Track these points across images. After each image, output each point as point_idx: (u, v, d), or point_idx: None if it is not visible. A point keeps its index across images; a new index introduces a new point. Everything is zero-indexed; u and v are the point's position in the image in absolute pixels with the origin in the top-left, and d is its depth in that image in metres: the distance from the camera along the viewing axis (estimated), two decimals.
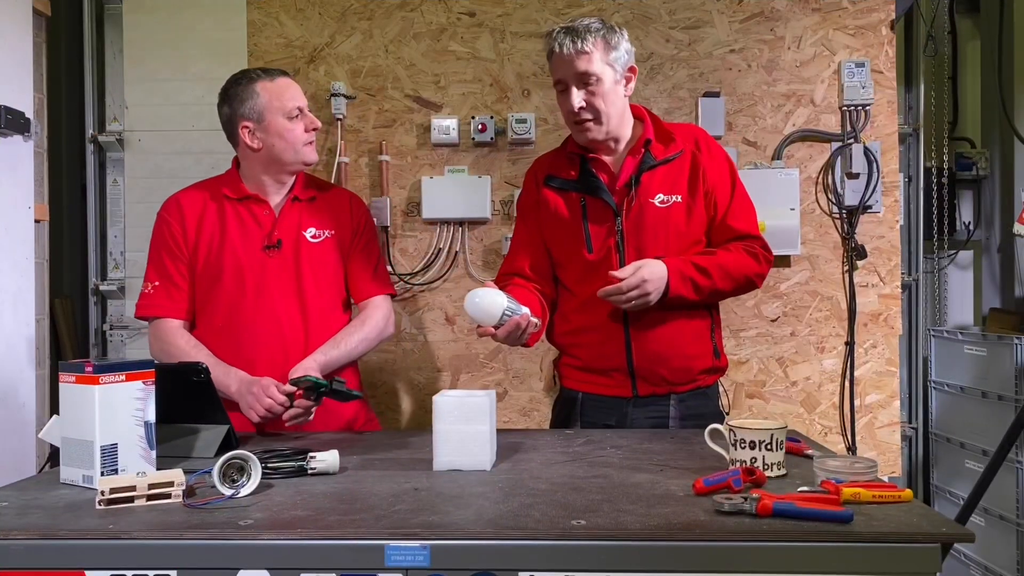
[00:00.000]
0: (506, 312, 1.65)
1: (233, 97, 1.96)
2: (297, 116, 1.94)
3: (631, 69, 1.92)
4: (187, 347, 1.92)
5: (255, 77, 1.96)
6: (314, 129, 1.97)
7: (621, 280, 1.77)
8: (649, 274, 1.77)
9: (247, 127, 1.94)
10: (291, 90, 1.96)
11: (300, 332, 1.94)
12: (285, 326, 1.94)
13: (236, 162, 2.05)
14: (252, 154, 1.97)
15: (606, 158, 1.95)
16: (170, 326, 1.95)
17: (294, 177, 2.02)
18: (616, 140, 1.95)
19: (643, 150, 1.92)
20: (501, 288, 1.75)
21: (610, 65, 1.87)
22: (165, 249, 1.98)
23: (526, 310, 1.70)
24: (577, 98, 1.87)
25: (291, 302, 1.95)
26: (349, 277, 2.04)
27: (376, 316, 2.01)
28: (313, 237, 1.99)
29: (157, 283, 1.97)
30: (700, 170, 1.91)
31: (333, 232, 2.01)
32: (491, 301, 1.65)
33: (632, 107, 1.99)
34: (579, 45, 1.84)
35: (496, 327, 1.67)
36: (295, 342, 1.93)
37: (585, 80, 1.86)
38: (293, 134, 1.93)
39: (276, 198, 2.00)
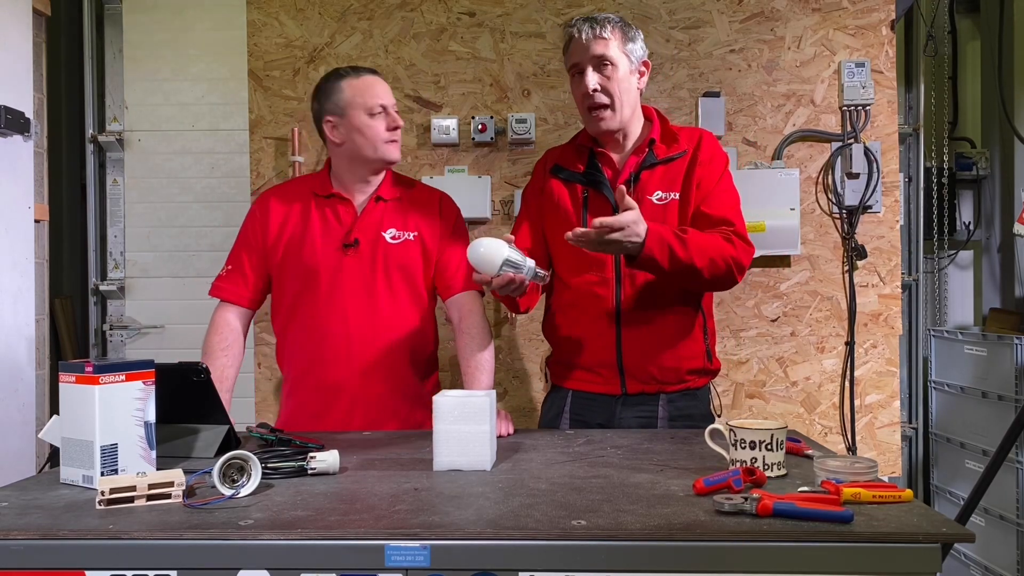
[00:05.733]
0: (507, 262, 1.64)
1: (321, 93, 1.99)
2: (379, 113, 1.94)
3: (644, 64, 1.95)
4: (215, 346, 1.96)
5: (343, 74, 1.98)
6: (396, 128, 1.97)
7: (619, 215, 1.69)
8: (637, 225, 1.70)
9: (330, 121, 1.96)
10: (375, 87, 1.96)
11: (368, 331, 1.95)
12: (352, 325, 1.95)
13: (329, 161, 2.07)
14: (336, 149, 1.99)
15: (613, 154, 1.97)
16: (224, 315, 2.01)
17: (380, 176, 2.03)
18: (625, 136, 1.96)
19: (647, 149, 1.94)
20: None
21: (626, 55, 1.90)
22: (244, 240, 2.04)
23: (531, 263, 1.69)
24: (592, 79, 1.89)
25: (361, 301, 1.96)
26: (439, 275, 2.03)
27: (477, 324, 1.98)
28: (393, 238, 1.99)
29: (230, 267, 2.04)
30: (695, 166, 1.92)
31: (417, 233, 2.00)
32: (494, 251, 1.64)
33: (643, 107, 2.01)
34: (597, 31, 1.88)
35: (496, 276, 1.66)
36: (361, 340, 1.95)
37: (601, 64, 1.89)
38: (373, 130, 1.94)
39: (360, 197, 2.01)
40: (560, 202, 1.98)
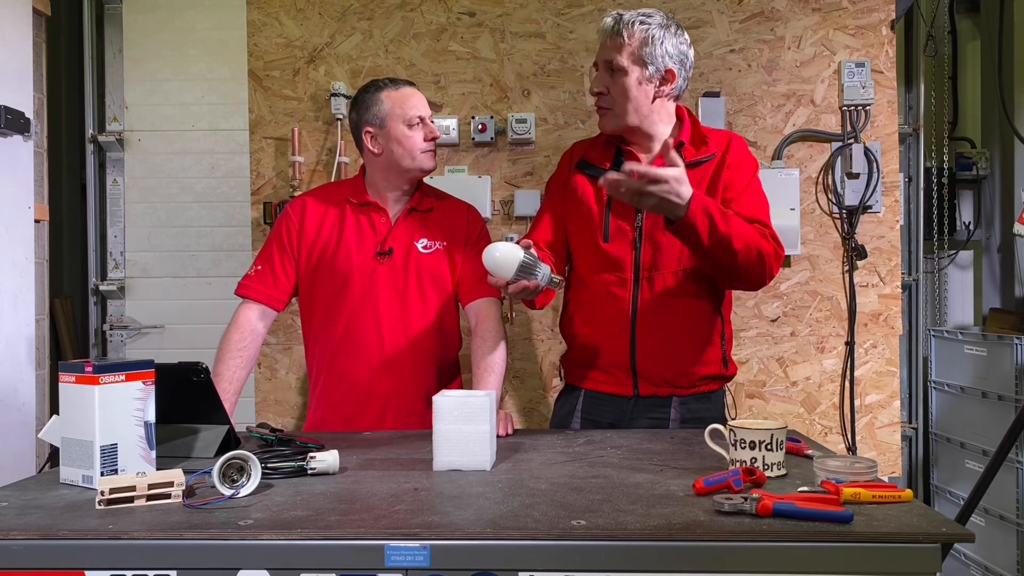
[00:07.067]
0: (522, 267, 1.66)
1: (360, 104, 2.03)
2: (417, 124, 1.99)
3: (668, 72, 1.88)
4: (233, 344, 1.95)
5: (382, 86, 2.02)
6: (433, 139, 2.02)
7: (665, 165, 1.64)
8: (684, 177, 1.65)
9: (369, 132, 2.01)
10: (414, 99, 2.01)
11: (400, 336, 2.00)
12: (385, 330, 2.00)
13: (363, 169, 2.10)
14: (374, 159, 2.03)
15: (640, 154, 1.95)
16: (248, 314, 2.00)
17: (413, 187, 2.08)
18: (652, 136, 1.94)
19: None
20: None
21: (640, 63, 1.86)
22: (277, 241, 2.06)
23: (546, 268, 1.70)
24: (596, 81, 1.91)
25: (394, 308, 2.00)
26: (460, 281, 2.06)
27: (492, 328, 1.99)
28: (425, 248, 2.04)
29: (260, 267, 2.05)
30: (722, 170, 1.90)
31: (445, 244, 2.05)
32: (509, 256, 1.66)
33: (676, 107, 1.98)
34: (616, 31, 1.87)
35: (511, 281, 1.67)
36: (393, 345, 2.00)
37: (609, 67, 1.89)
38: (411, 141, 1.98)
39: (395, 207, 2.06)
40: (583, 198, 1.96)
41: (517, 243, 1.76)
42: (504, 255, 1.66)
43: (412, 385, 2.01)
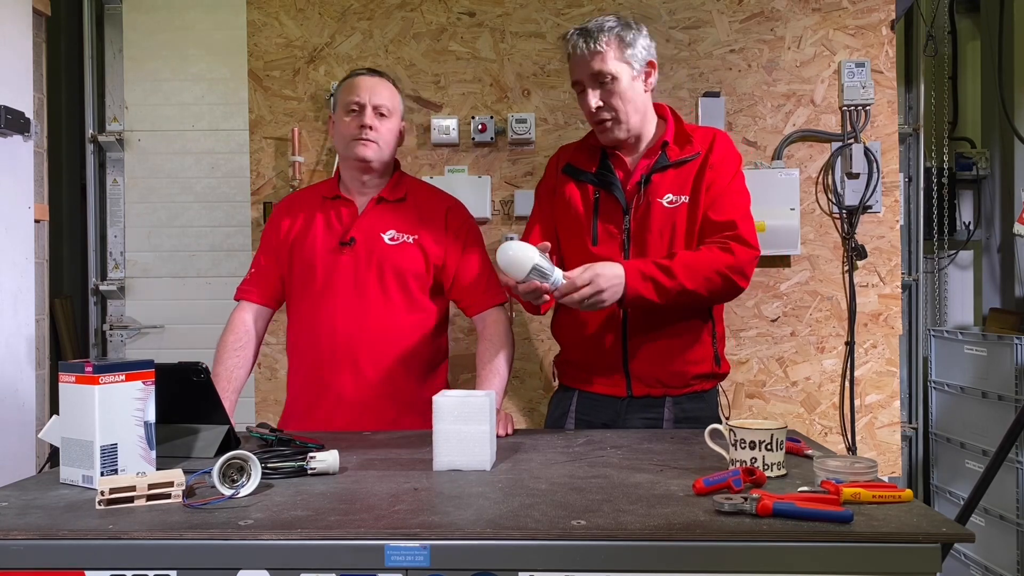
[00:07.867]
0: (536, 267, 1.64)
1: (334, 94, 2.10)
2: (354, 111, 1.97)
3: (650, 64, 1.92)
4: (229, 345, 1.97)
5: (350, 76, 2.04)
6: (363, 126, 1.95)
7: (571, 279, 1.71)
8: (601, 269, 1.72)
9: (331, 119, 2.06)
10: (357, 85, 1.99)
11: (355, 330, 1.95)
12: (340, 323, 1.95)
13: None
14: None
15: (625, 156, 1.96)
16: (242, 315, 2.03)
17: (377, 178, 2.04)
18: (638, 137, 1.95)
19: (659, 151, 1.92)
20: None
21: (626, 62, 1.87)
22: (263, 242, 2.10)
23: (559, 273, 1.69)
24: (594, 98, 1.89)
25: (351, 300, 1.96)
26: (458, 290, 2.02)
27: (500, 333, 1.98)
28: (392, 239, 1.99)
29: (253, 271, 2.08)
30: (706, 169, 1.90)
31: (416, 236, 1.99)
32: (523, 255, 1.64)
33: (656, 106, 1.99)
34: (592, 45, 1.85)
35: (522, 282, 1.67)
36: (347, 339, 1.94)
37: (600, 80, 1.87)
38: (346, 127, 1.97)
39: (363, 198, 2.04)
40: (571, 203, 1.97)
41: (522, 239, 1.75)
42: (517, 255, 1.65)
43: (366, 380, 1.94)
